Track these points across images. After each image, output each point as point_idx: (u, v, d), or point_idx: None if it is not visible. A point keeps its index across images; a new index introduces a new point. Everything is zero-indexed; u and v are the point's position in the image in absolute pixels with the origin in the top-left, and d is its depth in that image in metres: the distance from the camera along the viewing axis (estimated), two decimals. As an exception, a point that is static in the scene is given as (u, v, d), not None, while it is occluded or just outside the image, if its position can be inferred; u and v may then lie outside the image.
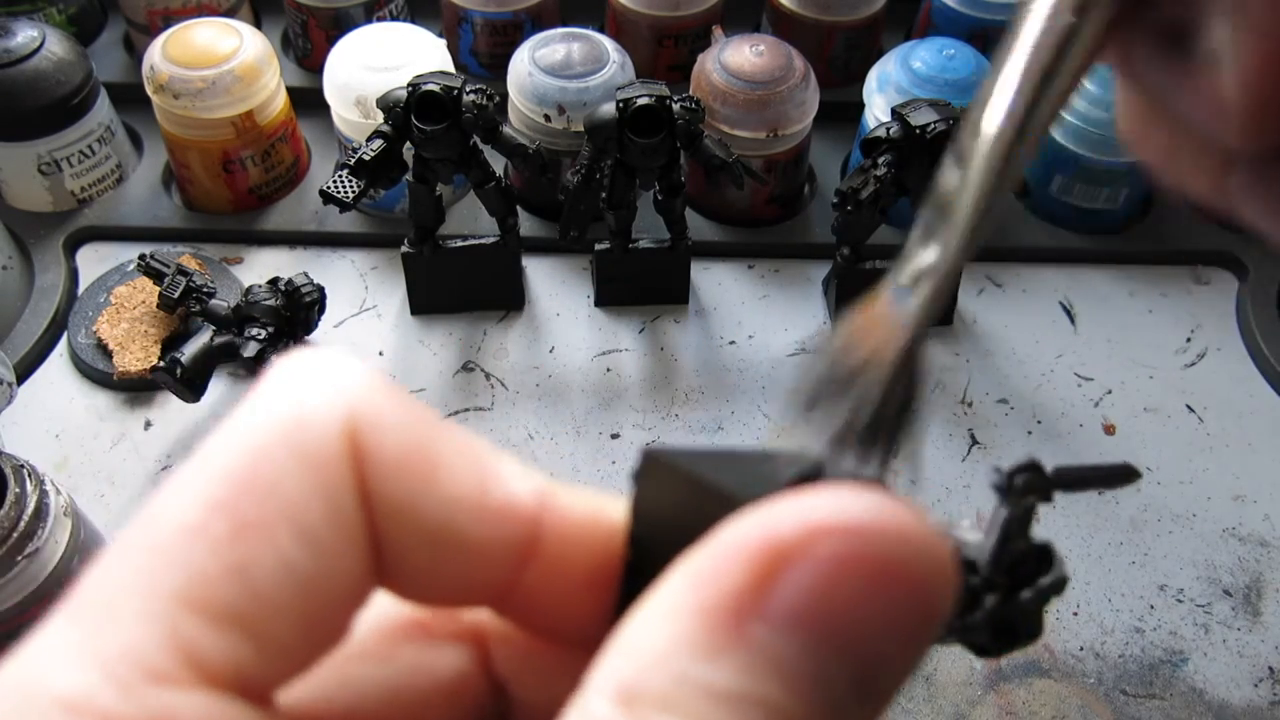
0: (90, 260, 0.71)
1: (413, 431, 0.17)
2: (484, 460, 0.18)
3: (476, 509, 0.17)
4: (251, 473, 0.16)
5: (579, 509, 0.18)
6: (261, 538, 0.15)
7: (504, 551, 0.18)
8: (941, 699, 0.53)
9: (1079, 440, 0.64)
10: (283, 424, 0.16)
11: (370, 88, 0.66)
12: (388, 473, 0.17)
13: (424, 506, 0.17)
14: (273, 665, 0.16)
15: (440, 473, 0.17)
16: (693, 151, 0.62)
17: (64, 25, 0.79)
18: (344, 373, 0.17)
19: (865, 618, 0.14)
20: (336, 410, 0.17)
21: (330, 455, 0.16)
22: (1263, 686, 0.54)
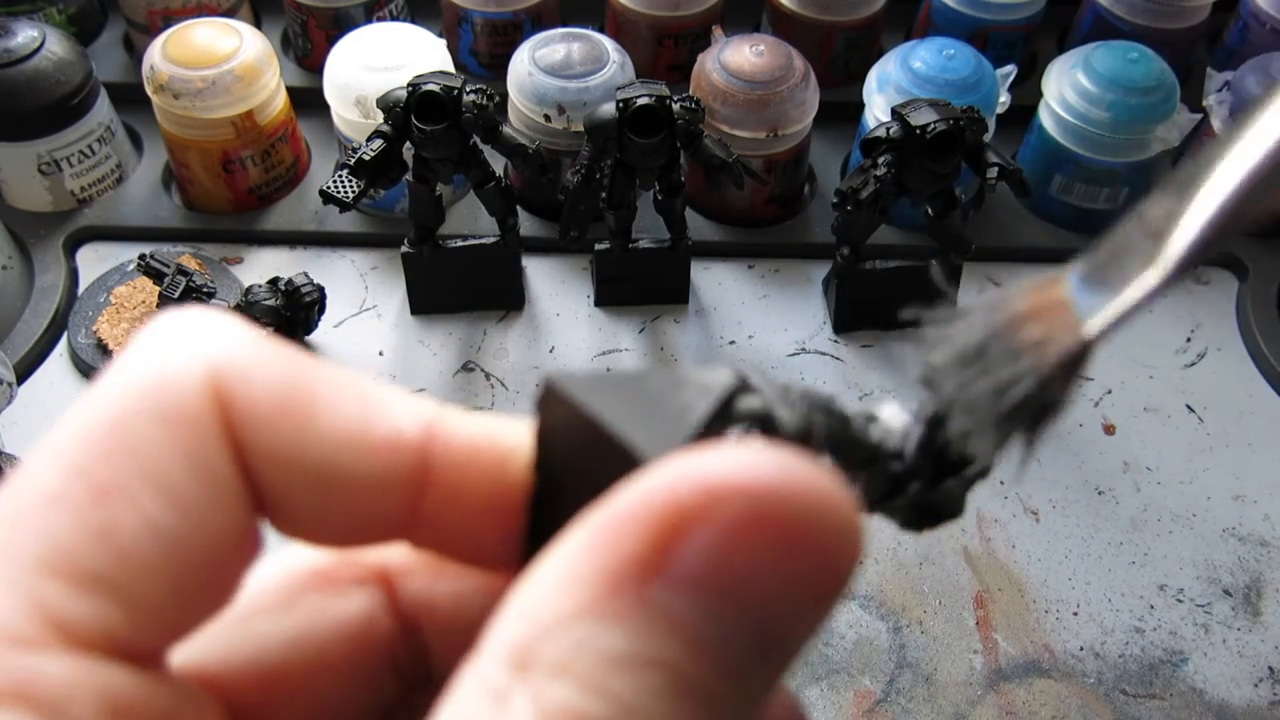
0: (90, 260, 0.71)
1: (285, 377, 0.17)
2: (365, 396, 0.18)
3: (358, 445, 0.17)
4: (110, 435, 0.16)
5: (469, 435, 0.18)
6: (122, 500, 0.15)
7: (394, 484, 0.17)
8: (941, 699, 0.53)
9: (1079, 440, 0.64)
10: (141, 385, 0.16)
11: (370, 88, 0.66)
12: (260, 422, 0.17)
13: (304, 450, 0.17)
14: (148, 627, 0.15)
15: (318, 414, 0.17)
16: (693, 151, 0.62)
17: (64, 25, 0.79)
18: (206, 329, 0.17)
19: (768, 582, 0.14)
20: (197, 366, 0.17)
21: (191, 412, 0.16)
22: (1263, 686, 0.54)
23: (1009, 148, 0.76)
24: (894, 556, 0.58)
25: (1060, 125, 0.71)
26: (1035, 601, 0.57)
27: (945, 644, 0.55)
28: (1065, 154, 0.71)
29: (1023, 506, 0.61)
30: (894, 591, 0.57)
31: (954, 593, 0.57)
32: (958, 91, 0.66)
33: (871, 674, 0.54)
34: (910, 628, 0.56)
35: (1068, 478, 0.62)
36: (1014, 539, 0.59)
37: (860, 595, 0.57)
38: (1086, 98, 0.69)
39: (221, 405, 0.16)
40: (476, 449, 0.18)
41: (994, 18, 0.77)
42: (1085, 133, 0.69)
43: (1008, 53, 0.78)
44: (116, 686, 0.15)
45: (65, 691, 0.14)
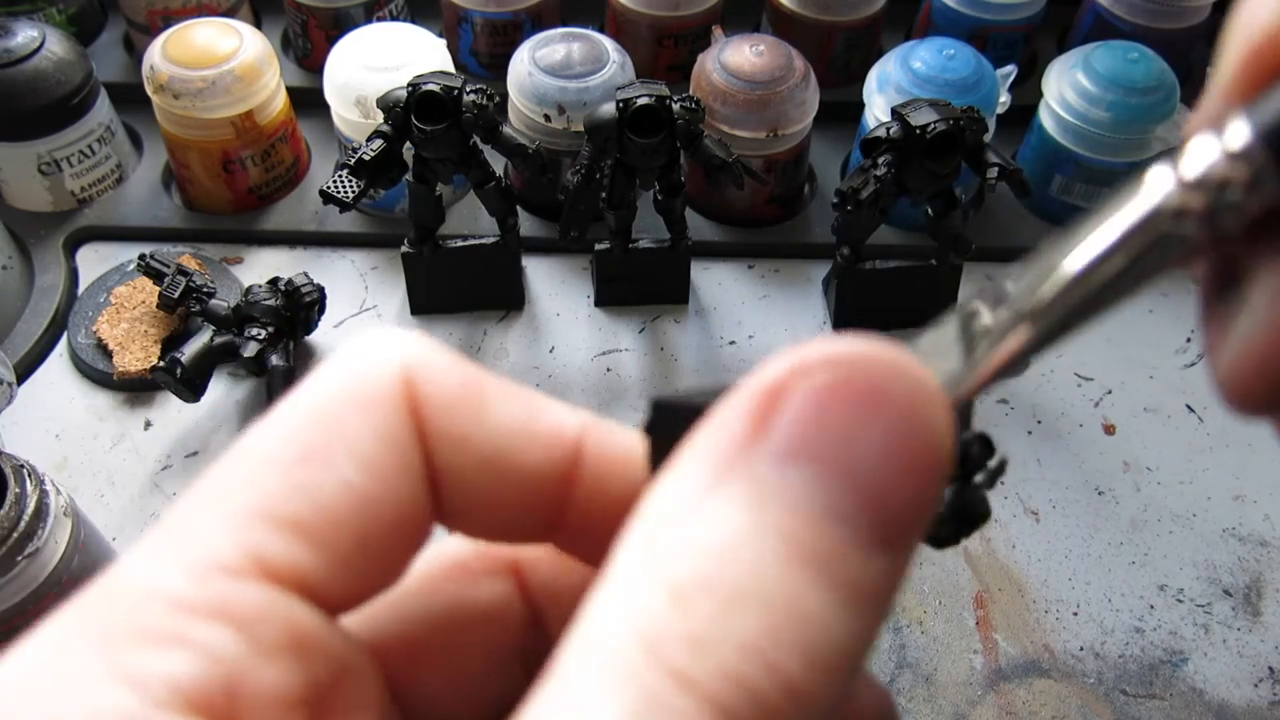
0: (90, 260, 0.71)
1: (463, 376, 0.20)
2: (530, 397, 0.20)
3: (525, 435, 0.19)
4: (317, 414, 0.18)
5: (618, 441, 0.20)
6: (324, 461, 0.18)
7: (550, 476, 0.20)
8: (941, 699, 0.53)
9: (1079, 440, 0.64)
10: (344, 379, 0.19)
11: (370, 88, 0.66)
12: (442, 411, 0.19)
13: (477, 434, 0.19)
14: (335, 576, 0.18)
15: (489, 407, 0.19)
16: (693, 151, 0.62)
17: (64, 25, 0.80)
18: (398, 337, 0.20)
19: (863, 443, 0.14)
20: (391, 363, 0.19)
21: (385, 398, 0.19)
22: (1263, 686, 0.54)
23: (1009, 148, 0.76)
24: (894, 556, 0.58)
25: (1060, 125, 0.71)
26: (1035, 601, 0.57)
27: (945, 644, 0.55)
28: (1065, 154, 0.71)
29: (1023, 506, 0.61)
30: (894, 591, 0.57)
31: (954, 593, 0.57)
32: (958, 91, 0.66)
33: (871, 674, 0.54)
34: (910, 628, 0.56)
35: (1068, 478, 0.62)
36: (1014, 539, 0.59)
37: (860, 595, 0.57)
38: (1086, 98, 0.69)
39: (410, 395, 0.19)
40: (623, 455, 0.20)
41: (994, 18, 0.77)
42: (1085, 133, 0.69)
43: (1008, 53, 0.78)
44: (302, 622, 0.17)
45: (259, 615, 0.16)
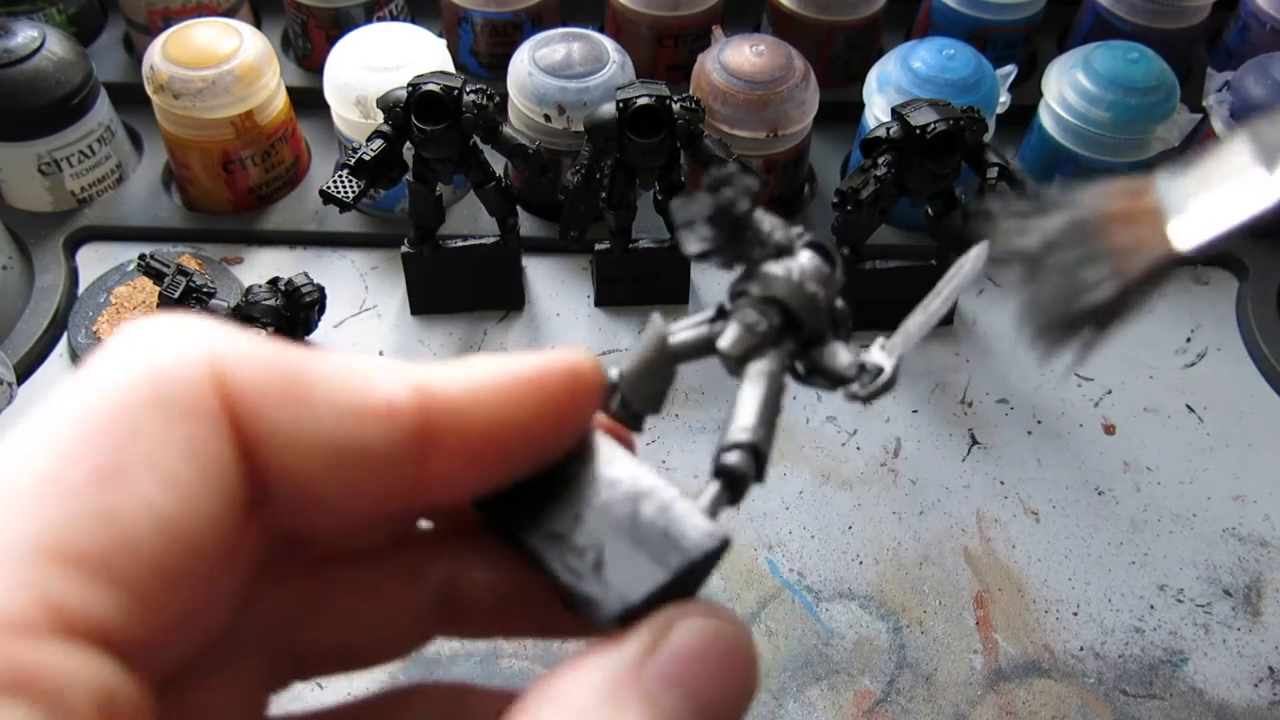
0: (90, 260, 0.71)
1: (280, 363, 0.18)
2: (356, 370, 0.18)
3: (356, 418, 0.18)
4: (109, 420, 0.16)
5: (460, 389, 0.19)
6: (123, 484, 0.15)
7: (397, 450, 0.18)
8: (941, 699, 0.53)
9: (1079, 440, 0.64)
10: (141, 371, 0.16)
11: (370, 88, 0.66)
12: (262, 407, 0.17)
13: (306, 428, 0.17)
14: (144, 620, 0.15)
15: (315, 393, 0.17)
16: (693, 151, 0.62)
17: (64, 25, 0.79)
18: (197, 324, 0.18)
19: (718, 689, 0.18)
20: (197, 355, 0.17)
21: (194, 399, 0.16)
22: (1263, 686, 0.54)
23: (1009, 148, 0.76)
24: (894, 557, 0.58)
25: (1060, 125, 0.71)
26: (1035, 601, 0.57)
27: (945, 644, 0.55)
28: (1065, 154, 0.71)
29: (1023, 506, 0.61)
30: (894, 591, 0.57)
31: (954, 593, 0.57)
32: (958, 91, 0.66)
33: (871, 674, 0.54)
34: (910, 628, 0.56)
35: (1068, 478, 0.62)
36: (1014, 539, 0.59)
37: (860, 595, 0.57)
38: (1086, 98, 0.69)
39: (222, 393, 0.17)
40: (471, 400, 0.19)
41: (994, 18, 0.77)
42: (1085, 133, 0.69)
43: (1008, 53, 0.78)
44: (113, 687, 0.14)
45: (63, 682, 0.14)
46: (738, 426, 0.22)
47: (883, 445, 0.63)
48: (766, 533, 0.59)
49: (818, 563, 0.58)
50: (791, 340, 0.23)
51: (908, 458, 0.63)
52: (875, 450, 0.63)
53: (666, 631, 0.18)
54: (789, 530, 0.59)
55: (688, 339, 0.24)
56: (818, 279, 0.23)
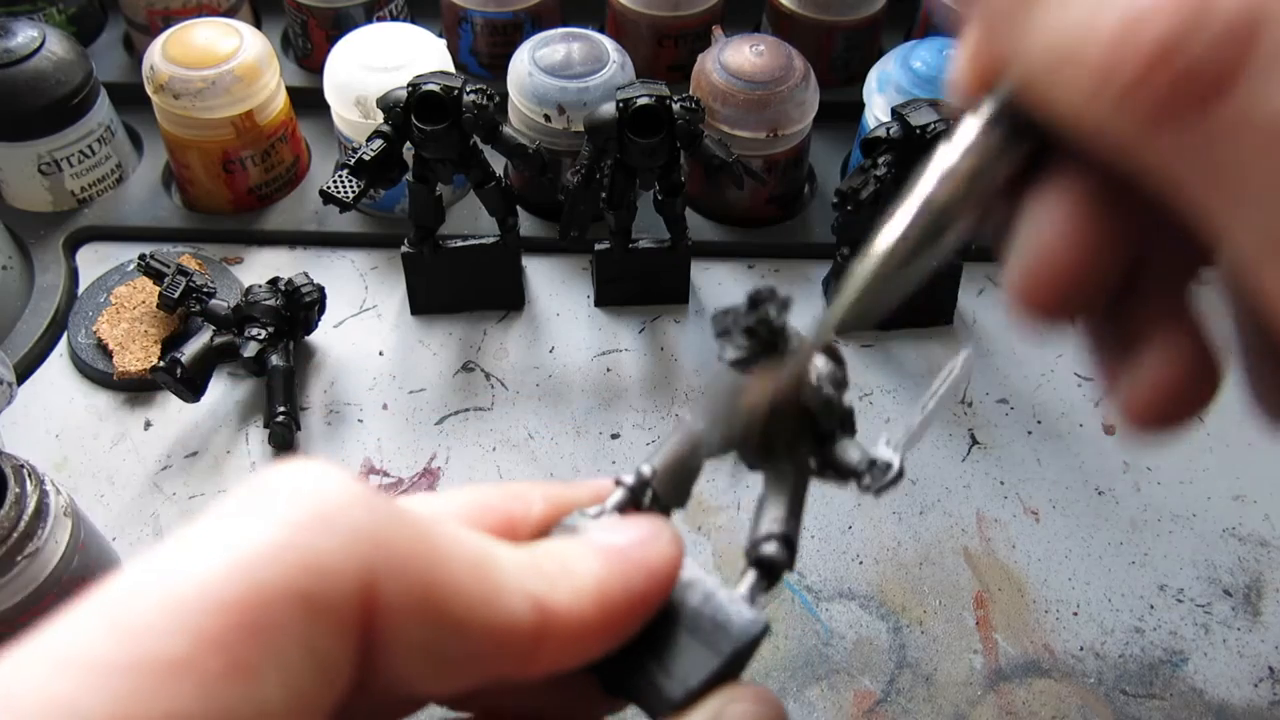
0: (90, 260, 0.71)
1: (424, 571, 0.18)
2: (484, 578, 0.19)
3: (480, 639, 0.19)
4: (254, 610, 0.16)
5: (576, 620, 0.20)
6: (251, 681, 0.16)
7: (510, 661, 0.20)
8: (941, 699, 0.53)
9: (1079, 440, 0.64)
10: (295, 567, 0.17)
11: (370, 88, 0.66)
12: (400, 620, 0.18)
13: (436, 642, 0.18)
14: None
15: (449, 607, 0.18)
16: (693, 151, 0.62)
17: (64, 25, 0.80)
18: (358, 506, 0.18)
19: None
20: (355, 559, 0.17)
21: (342, 607, 0.17)
22: (1263, 686, 0.54)
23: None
24: (894, 557, 0.58)
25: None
26: (1035, 601, 0.57)
27: (945, 644, 0.55)
28: (1065, 154, 0.71)
29: (1023, 506, 0.61)
30: (894, 591, 0.57)
31: (954, 593, 0.57)
32: (958, 91, 0.66)
33: (871, 674, 0.54)
34: (910, 628, 0.56)
35: (1068, 478, 0.62)
36: (1014, 539, 0.59)
37: (860, 595, 0.57)
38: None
39: (367, 604, 0.17)
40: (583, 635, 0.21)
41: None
42: (1085, 133, 0.69)
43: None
44: None
45: None
46: (770, 518, 0.24)
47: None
48: (766, 533, 0.59)
49: (818, 562, 0.58)
50: (810, 439, 0.25)
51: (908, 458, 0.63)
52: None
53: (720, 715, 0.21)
54: (789, 530, 0.59)
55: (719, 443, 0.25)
56: (832, 382, 0.25)
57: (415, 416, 0.64)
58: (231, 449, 0.62)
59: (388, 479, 0.61)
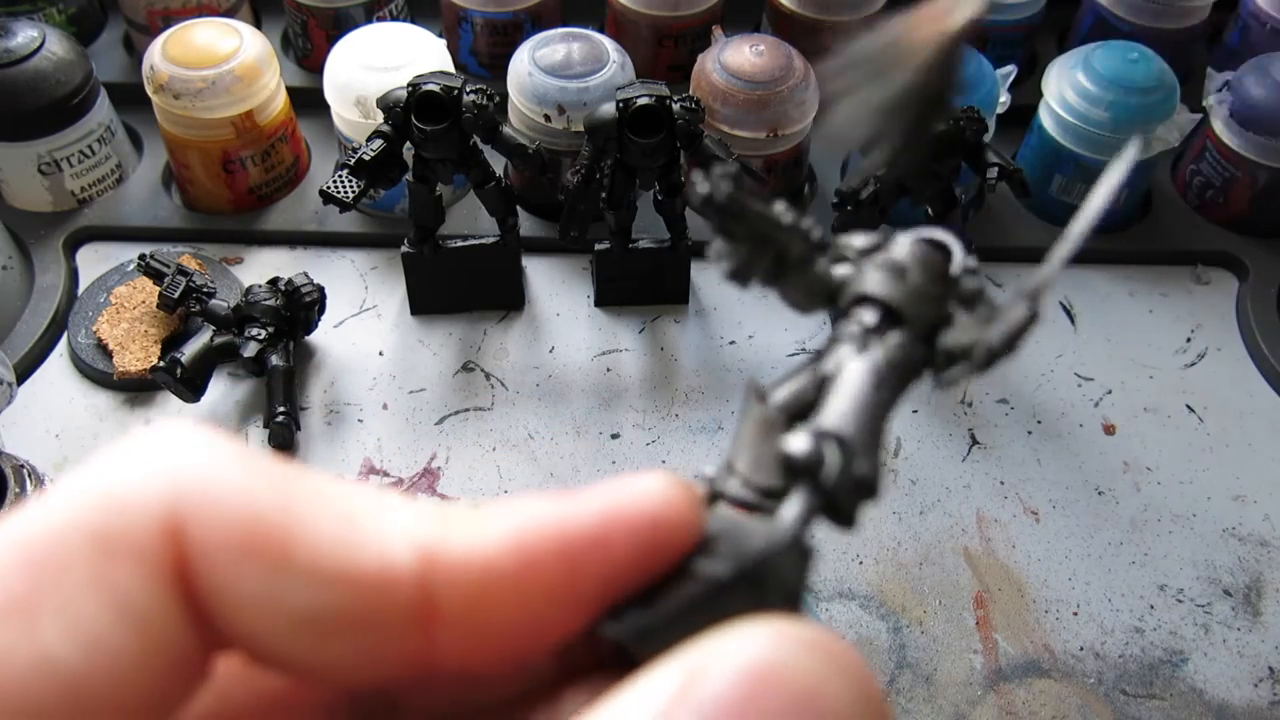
0: (90, 260, 0.71)
1: (254, 510, 0.15)
2: (349, 517, 0.15)
3: (335, 585, 0.15)
4: (41, 546, 0.14)
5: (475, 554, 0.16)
6: (26, 622, 0.13)
7: (390, 623, 0.15)
8: (941, 699, 0.53)
9: (1079, 440, 0.64)
10: (89, 501, 0.15)
11: (370, 88, 0.66)
12: (217, 562, 0.15)
13: (277, 593, 0.15)
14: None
15: (292, 551, 0.15)
16: (693, 151, 0.62)
17: (64, 25, 0.79)
18: (175, 446, 0.15)
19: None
20: (154, 492, 0.15)
21: (139, 541, 0.14)
22: (1263, 686, 0.54)
23: (1009, 148, 0.76)
24: (894, 557, 0.58)
25: (1060, 125, 0.71)
26: (1035, 601, 0.57)
27: (945, 644, 0.55)
28: (1065, 154, 0.71)
29: (1023, 506, 0.61)
30: (894, 591, 0.57)
31: (954, 593, 0.57)
32: (958, 91, 0.66)
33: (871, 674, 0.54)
34: (910, 628, 0.56)
35: (1068, 478, 0.62)
36: (1014, 539, 0.59)
37: (860, 595, 0.57)
38: (1086, 98, 0.69)
39: (174, 541, 0.15)
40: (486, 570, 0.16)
41: (994, 18, 0.77)
42: (1085, 133, 0.69)
43: (1008, 53, 0.78)
44: None
45: None
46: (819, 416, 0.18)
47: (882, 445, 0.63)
48: (766, 533, 0.59)
49: (817, 562, 0.58)
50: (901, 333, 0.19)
51: (908, 458, 0.63)
52: (875, 450, 0.63)
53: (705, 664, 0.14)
54: (789, 530, 0.59)
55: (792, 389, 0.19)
56: (920, 265, 0.19)
57: (415, 416, 0.64)
58: (231, 449, 0.62)
59: (388, 479, 0.61)
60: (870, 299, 0.19)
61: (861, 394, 0.18)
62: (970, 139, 0.60)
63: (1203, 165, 0.74)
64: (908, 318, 0.19)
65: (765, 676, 0.13)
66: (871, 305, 0.19)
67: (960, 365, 0.19)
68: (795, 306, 0.20)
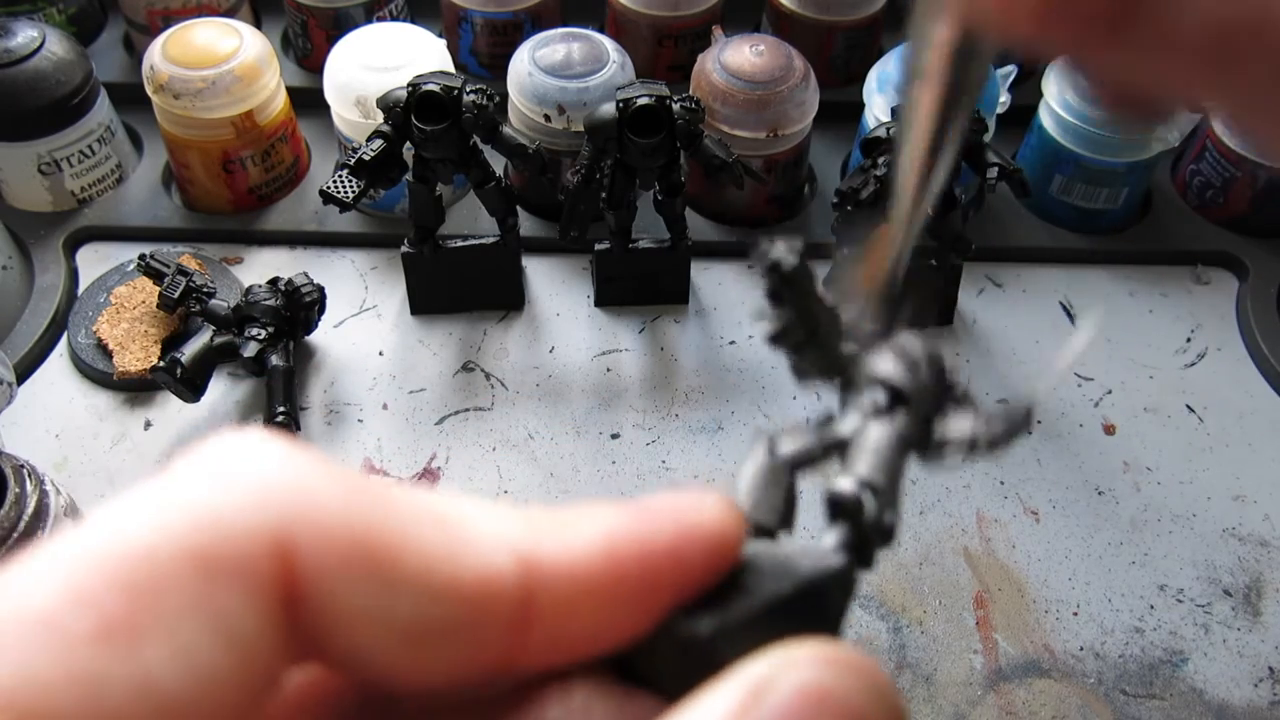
0: (90, 260, 0.71)
1: (360, 527, 0.15)
2: (448, 529, 0.16)
3: (444, 599, 0.15)
4: (137, 565, 0.14)
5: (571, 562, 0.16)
6: (129, 646, 0.13)
7: (492, 630, 0.16)
8: (941, 699, 0.53)
9: (1079, 440, 0.64)
10: (194, 514, 0.14)
11: (370, 88, 0.66)
12: (330, 584, 0.15)
13: (386, 608, 0.15)
14: None
15: (398, 567, 0.15)
16: (693, 151, 0.62)
17: (64, 25, 0.79)
18: (273, 462, 0.15)
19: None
20: (267, 512, 0.15)
21: (248, 565, 0.14)
22: (1263, 686, 0.54)
23: (1009, 148, 0.76)
24: (894, 557, 0.58)
25: (1060, 125, 0.71)
26: (1035, 601, 0.57)
27: (945, 644, 0.55)
28: (1065, 154, 0.71)
29: (1023, 506, 0.61)
30: (894, 591, 0.57)
31: (954, 593, 0.57)
32: (958, 91, 0.66)
33: (871, 674, 0.54)
34: (910, 628, 0.56)
35: (1068, 478, 0.62)
36: (1014, 539, 0.59)
37: (860, 595, 0.57)
38: (1086, 98, 0.69)
39: (284, 565, 0.15)
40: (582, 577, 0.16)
41: (994, 18, 0.77)
42: (1085, 133, 0.69)
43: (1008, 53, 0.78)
44: None
45: None
46: (852, 468, 0.20)
47: (883, 445, 0.63)
48: (766, 533, 0.59)
49: (818, 563, 0.58)
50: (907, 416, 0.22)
51: (908, 458, 0.63)
52: (875, 450, 0.63)
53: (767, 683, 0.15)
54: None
55: (799, 444, 0.22)
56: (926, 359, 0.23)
57: (415, 416, 0.64)
58: (231, 449, 0.62)
59: (388, 479, 0.61)
60: (886, 383, 0.22)
61: (889, 453, 0.20)
62: (970, 139, 0.60)
63: (1203, 165, 0.74)
64: (914, 404, 0.22)
65: (820, 698, 0.15)
66: (884, 388, 0.22)
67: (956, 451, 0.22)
68: (800, 374, 0.23)
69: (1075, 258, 0.73)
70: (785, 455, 0.22)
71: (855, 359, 0.23)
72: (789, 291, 0.21)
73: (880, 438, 0.21)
